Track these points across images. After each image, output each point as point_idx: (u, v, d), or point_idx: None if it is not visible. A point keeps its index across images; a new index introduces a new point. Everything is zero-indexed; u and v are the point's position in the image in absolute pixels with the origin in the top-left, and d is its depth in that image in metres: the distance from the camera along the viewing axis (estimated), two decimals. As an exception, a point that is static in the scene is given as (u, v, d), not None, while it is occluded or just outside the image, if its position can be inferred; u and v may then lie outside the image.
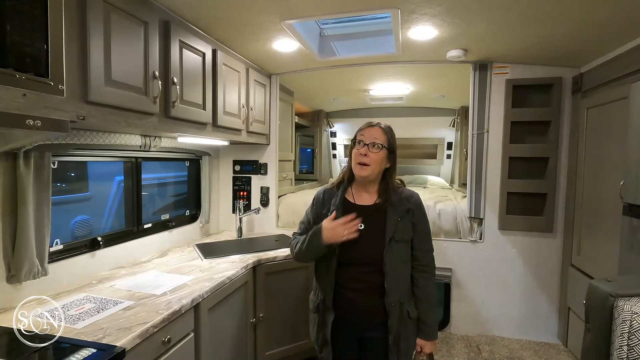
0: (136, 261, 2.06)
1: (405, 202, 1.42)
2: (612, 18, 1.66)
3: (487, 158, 2.57)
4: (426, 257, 1.45)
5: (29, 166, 1.41)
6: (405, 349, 1.41)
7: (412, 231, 1.42)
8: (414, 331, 1.44)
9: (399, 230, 1.38)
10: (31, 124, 1.04)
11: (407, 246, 1.42)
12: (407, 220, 1.41)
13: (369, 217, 1.38)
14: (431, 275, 1.46)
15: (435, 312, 1.47)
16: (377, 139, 1.37)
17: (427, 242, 1.46)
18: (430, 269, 1.46)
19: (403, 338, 1.40)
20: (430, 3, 1.64)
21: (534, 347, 2.49)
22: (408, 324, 1.41)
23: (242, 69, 2.38)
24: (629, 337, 1.02)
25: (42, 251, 1.48)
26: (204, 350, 1.64)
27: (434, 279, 1.46)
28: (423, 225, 1.45)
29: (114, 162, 2.08)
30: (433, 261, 1.47)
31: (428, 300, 1.44)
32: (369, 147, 1.36)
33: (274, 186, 2.95)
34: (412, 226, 1.42)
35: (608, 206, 1.94)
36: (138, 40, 1.49)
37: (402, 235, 1.39)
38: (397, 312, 1.38)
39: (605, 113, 2.05)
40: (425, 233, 1.46)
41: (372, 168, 1.37)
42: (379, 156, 1.37)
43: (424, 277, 1.44)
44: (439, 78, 3.09)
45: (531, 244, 2.56)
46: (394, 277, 1.37)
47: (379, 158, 1.37)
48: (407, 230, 1.41)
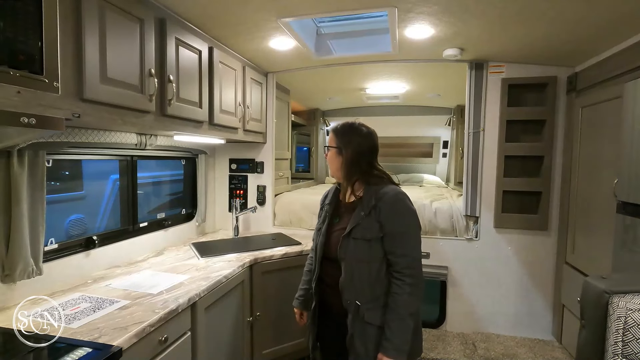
0: (132, 260, 2.05)
1: (374, 200, 1.34)
2: (606, 18, 1.68)
3: (482, 157, 2.59)
4: (400, 263, 1.30)
5: (23, 165, 1.39)
6: (364, 352, 1.33)
7: (377, 231, 1.32)
8: (374, 338, 1.32)
9: (359, 228, 1.34)
10: (25, 122, 1.03)
11: (370, 245, 1.32)
12: (373, 218, 1.33)
13: (345, 213, 1.46)
14: (405, 283, 1.28)
15: (403, 326, 1.28)
16: (327, 143, 1.50)
17: (399, 246, 1.31)
18: (403, 276, 1.29)
19: (357, 339, 1.34)
20: (426, 2, 1.64)
21: (528, 344, 2.51)
22: (366, 328, 1.33)
23: (239, 67, 2.37)
24: (623, 334, 1.03)
25: (36, 250, 1.47)
26: (201, 349, 1.64)
27: (410, 289, 1.28)
28: (393, 226, 1.31)
29: (109, 160, 2.07)
30: (411, 268, 1.30)
31: (395, 310, 1.28)
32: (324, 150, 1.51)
33: (270, 185, 2.94)
34: (378, 225, 1.32)
35: (602, 204, 1.96)
36: (134, 37, 1.47)
37: (363, 233, 1.33)
38: (352, 312, 1.35)
39: (599, 112, 2.07)
40: (396, 235, 1.31)
41: (331, 169, 1.51)
42: (330, 157, 1.47)
43: (396, 284, 1.30)
44: (435, 77, 3.10)
45: (526, 242, 2.58)
46: (349, 275, 1.35)
47: (330, 158, 1.48)
48: (370, 229, 1.32)
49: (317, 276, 1.51)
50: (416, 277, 1.31)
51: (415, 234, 1.36)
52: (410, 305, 1.29)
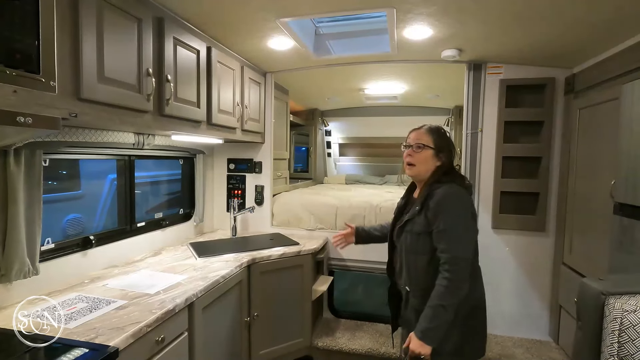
0: (129, 260, 2.04)
1: (427, 197, 1.44)
2: (604, 20, 1.68)
3: (480, 157, 2.59)
4: (441, 258, 1.38)
5: (19, 164, 1.39)
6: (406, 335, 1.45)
7: (426, 226, 1.42)
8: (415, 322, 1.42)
9: (411, 222, 1.47)
10: (22, 121, 1.02)
11: (419, 238, 1.44)
12: (423, 214, 1.44)
13: (411, 208, 1.54)
14: (443, 277, 1.35)
15: (432, 313, 1.35)
16: (420, 140, 1.50)
17: (442, 242, 1.38)
18: (443, 270, 1.36)
19: (404, 322, 1.59)
20: (425, 3, 1.64)
21: (526, 344, 2.51)
22: (410, 312, 1.50)
23: (237, 67, 2.36)
24: (619, 334, 1.03)
25: (33, 250, 1.46)
26: (198, 350, 1.64)
27: (446, 283, 1.34)
28: (438, 222, 1.39)
29: (107, 160, 2.06)
30: (450, 264, 1.35)
31: (431, 299, 1.36)
32: (413, 148, 1.51)
33: (268, 185, 2.94)
34: (426, 221, 1.42)
35: (599, 205, 1.96)
36: (131, 37, 1.47)
37: (413, 226, 1.46)
38: (403, 296, 1.55)
39: (596, 113, 2.08)
40: (440, 231, 1.39)
41: (418, 168, 1.51)
42: (422, 156, 1.49)
43: (439, 276, 1.37)
44: (433, 77, 3.10)
45: (524, 243, 2.58)
46: (401, 263, 1.53)
47: (423, 158, 1.49)
48: (420, 224, 1.44)
49: (389, 261, 1.67)
50: (454, 273, 1.34)
51: (460, 233, 1.39)
52: (443, 297, 1.34)
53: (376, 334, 2.63)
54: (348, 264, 2.81)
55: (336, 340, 2.53)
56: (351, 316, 2.88)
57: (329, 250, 2.81)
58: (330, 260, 2.83)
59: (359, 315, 2.90)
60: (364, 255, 2.74)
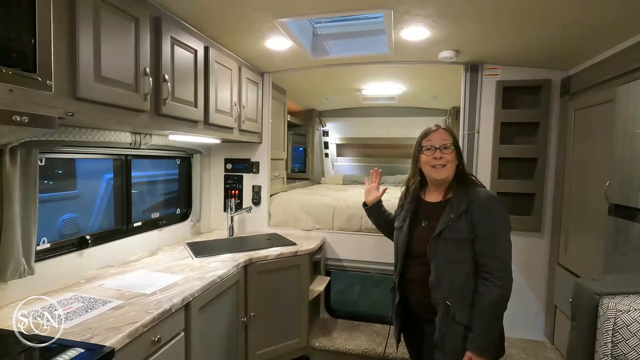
0: (125, 260, 2.04)
1: (466, 202, 1.37)
2: (600, 22, 1.69)
3: (477, 158, 2.60)
4: (490, 264, 1.32)
5: (15, 163, 1.38)
6: (453, 351, 1.36)
7: (469, 232, 1.34)
8: (463, 338, 1.35)
9: (450, 229, 1.36)
10: (18, 120, 1.02)
11: (461, 246, 1.35)
12: (465, 220, 1.35)
13: (432, 213, 1.46)
14: (495, 285, 1.30)
15: (489, 327, 1.33)
16: (446, 140, 1.44)
17: (491, 248, 1.33)
18: (494, 278, 1.31)
19: (448, 339, 1.36)
20: (423, 4, 1.65)
21: (521, 344, 2.53)
22: (455, 327, 1.35)
23: (235, 66, 2.36)
24: (613, 334, 1.04)
25: (28, 250, 1.46)
26: (195, 350, 1.63)
27: (499, 291, 1.30)
28: (485, 228, 1.34)
29: (103, 159, 2.05)
30: (502, 271, 1.32)
31: (481, 310, 1.32)
32: (440, 149, 1.43)
33: (265, 185, 2.94)
34: (470, 228, 1.34)
35: (594, 206, 1.98)
36: (129, 36, 1.47)
37: (453, 234, 1.35)
38: (442, 311, 1.37)
39: (592, 115, 2.09)
40: (488, 237, 1.34)
41: (449, 168, 1.44)
42: (451, 156, 1.43)
43: (483, 284, 1.33)
44: (430, 78, 3.11)
45: (519, 243, 2.59)
46: (439, 274, 1.37)
47: (452, 158, 1.44)
48: (462, 231, 1.35)
49: (400, 272, 1.53)
50: (506, 279, 1.32)
51: (506, 236, 1.37)
52: (497, 308, 1.32)
53: (373, 334, 2.63)
54: (345, 265, 2.82)
55: (333, 340, 2.53)
56: (348, 316, 2.88)
57: (326, 250, 2.81)
58: (327, 261, 2.83)
59: (356, 315, 2.90)
60: (360, 255, 2.75)
